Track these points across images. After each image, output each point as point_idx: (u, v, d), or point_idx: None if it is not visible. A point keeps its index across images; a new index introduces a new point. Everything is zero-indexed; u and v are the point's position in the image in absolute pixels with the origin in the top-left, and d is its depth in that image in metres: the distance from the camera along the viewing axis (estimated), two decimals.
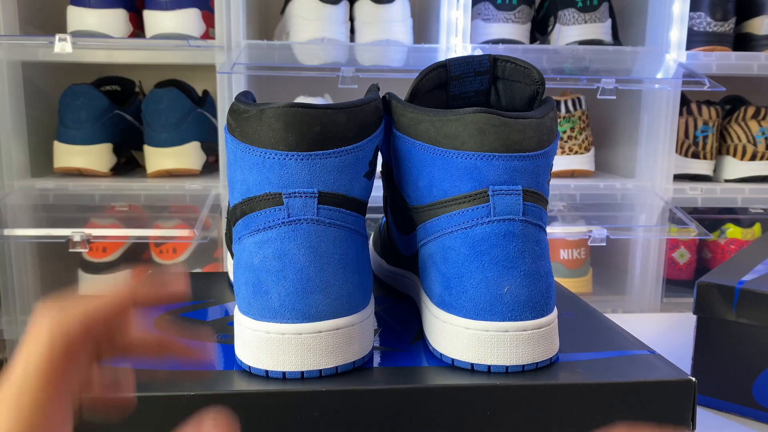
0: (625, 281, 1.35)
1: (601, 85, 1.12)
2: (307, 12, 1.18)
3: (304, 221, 0.38)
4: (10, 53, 1.17)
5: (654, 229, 1.25)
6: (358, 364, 0.40)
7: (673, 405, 0.39)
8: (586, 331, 0.47)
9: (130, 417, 0.37)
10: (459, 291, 0.40)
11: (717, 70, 1.22)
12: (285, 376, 0.38)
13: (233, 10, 1.15)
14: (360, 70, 1.10)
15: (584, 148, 1.32)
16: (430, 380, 0.39)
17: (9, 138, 1.18)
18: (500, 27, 1.29)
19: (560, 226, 1.24)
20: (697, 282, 0.56)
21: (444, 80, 0.46)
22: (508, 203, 0.39)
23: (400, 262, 0.53)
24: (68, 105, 1.22)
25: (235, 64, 1.09)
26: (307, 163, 0.38)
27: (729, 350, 0.55)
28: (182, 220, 1.19)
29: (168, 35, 1.18)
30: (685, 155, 1.33)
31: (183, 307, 0.52)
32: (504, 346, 0.39)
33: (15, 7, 1.18)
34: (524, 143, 0.39)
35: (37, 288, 1.26)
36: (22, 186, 1.20)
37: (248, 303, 0.39)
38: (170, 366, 0.41)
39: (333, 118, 0.38)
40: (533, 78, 0.44)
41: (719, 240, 1.38)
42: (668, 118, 1.24)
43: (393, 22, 1.21)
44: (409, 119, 0.41)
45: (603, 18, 1.29)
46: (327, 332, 0.38)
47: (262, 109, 0.38)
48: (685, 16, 1.21)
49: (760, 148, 1.32)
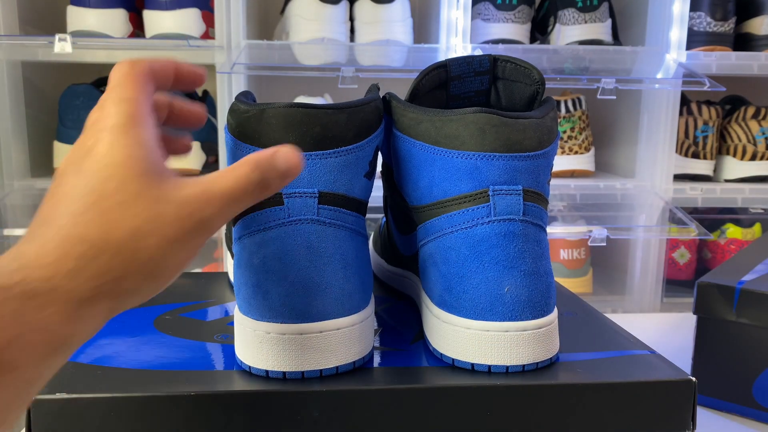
0: (625, 281, 1.35)
1: (601, 85, 1.12)
2: (307, 12, 1.18)
3: (305, 221, 0.38)
4: (10, 53, 1.16)
5: (654, 229, 1.25)
6: (359, 364, 0.40)
7: (673, 405, 0.39)
8: (586, 331, 0.47)
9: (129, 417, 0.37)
10: (459, 291, 0.40)
11: (717, 70, 1.22)
12: (285, 376, 0.38)
13: (233, 10, 1.15)
14: (360, 70, 1.10)
15: (584, 148, 1.32)
16: (430, 380, 0.39)
17: (9, 138, 1.18)
18: (500, 27, 1.29)
19: (560, 226, 1.24)
20: (697, 282, 0.56)
21: (444, 80, 0.46)
22: (508, 203, 0.39)
23: (400, 262, 0.53)
24: (68, 105, 1.22)
25: (235, 64, 1.09)
26: (307, 163, 0.38)
27: (729, 350, 0.55)
28: None
29: (168, 35, 1.18)
30: (685, 155, 1.33)
31: (183, 307, 0.52)
32: (504, 346, 0.39)
33: (15, 7, 1.18)
34: (524, 143, 0.39)
35: None
36: (22, 186, 1.20)
37: (248, 303, 0.39)
38: (170, 366, 0.41)
39: (333, 119, 0.38)
40: (533, 78, 0.44)
41: (719, 240, 1.38)
42: (668, 118, 1.24)
43: (393, 22, 1.21)
44: (409, 119, 0.41)
45: (603, 18, 1.29)
46: (327, 332, 0.38)
47: (263, 110, 0.38)
48: (685, 16, 1.21)
49: (760, 148, 1.32)
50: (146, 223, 0.29)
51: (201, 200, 0.30)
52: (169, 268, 0.30)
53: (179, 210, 0.29)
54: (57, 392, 0.37)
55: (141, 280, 0.29)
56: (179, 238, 0.29)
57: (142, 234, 0.28)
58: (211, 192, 0.30)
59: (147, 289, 0.29)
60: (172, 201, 0.30)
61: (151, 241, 0.28)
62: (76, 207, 0.28)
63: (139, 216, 0.29)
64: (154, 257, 0.29)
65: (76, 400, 0.37)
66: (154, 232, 0.29)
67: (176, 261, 0.30)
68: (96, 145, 0.30)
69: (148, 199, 0.29)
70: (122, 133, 0.30)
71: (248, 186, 0.31)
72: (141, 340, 0.45)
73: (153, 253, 0.29)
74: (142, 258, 0.28)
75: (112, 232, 0.28)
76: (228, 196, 0.31)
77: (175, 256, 0.30)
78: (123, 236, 0.28)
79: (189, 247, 0.30)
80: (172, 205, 0.29)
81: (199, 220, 0.30)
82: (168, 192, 0.30)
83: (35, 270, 0.27)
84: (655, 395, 0.39)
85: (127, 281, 0.28)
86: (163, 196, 0.29)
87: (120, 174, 0.29)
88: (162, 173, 0.30)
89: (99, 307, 0.28)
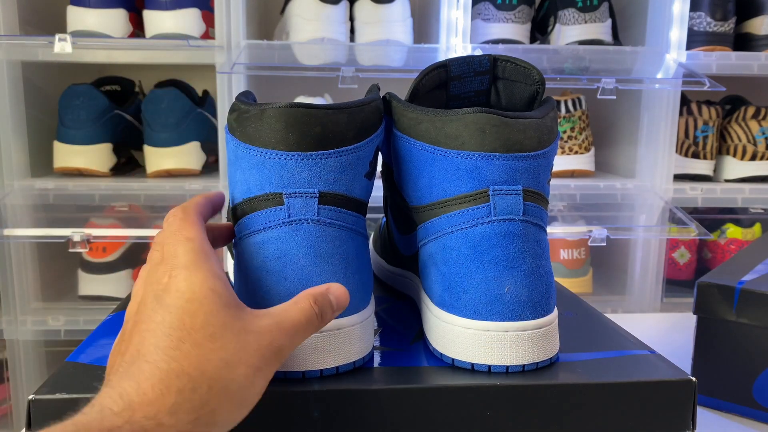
0: (625, 281, 1.35)
1: (601, 85, 1.12)
2: (307, 12, 1.18)
3: (305, 221, 0.38)
4: (10, 53, 1.16)
5: (654, 229, 1.25)
6: (359, 364, 0.40)
7: (673, 405, 0.39)
8: (586, 331, 0.47)
9: None
10: (459, 291, 0.40)
11: (717, 70, 1.22)
12: (286, 376, 0.38)
13: (233, 10, 1.15)
14: (360, 70, 1.10)
15: (584, 148, 1.32)
16: (430, 380, 0.39)
17: (9, 138, 1.18)
18: (500, 27, 1.29)
19: (560, 226, 1.24)
20: (697, 282, 0.56)
21: (444, 80, 0.46)
22: (508, 203, 0.39)
23: (400, 262, 0.53)
24: (68, 105, 1.22)
25: (235, 64, 1.09)
26: (308, 163, 0.38)
27: (729, 350, 0.55)
28: None
29: (168, 35, 1.17)
30: (685, 155, 1.33)
31: None
32: (504, 346, 0.39)
33: (15, 7, 1.18)
34: (525, 143, 0.39)
35: (37, 288, 1.26)
36: (22, 186, 1.20)
37: (248, 303, 0.39)
38: None
39: (333, 119, 0.38)
40: (533, 78, 0.44)
41: (719, 240, 1.38)
42: (668, 118, 1.24)
43: (393, 22, 1.21)
44: (409, 119, 0.41)
45: (603, 18, 1.29)
46: (327, 332, 0.38)
47: (263, 109, 0.38)
48: (685, 16, 1.21)
49: (760, 148, 1.32)
50: (234, 354, 0.30)
51: (275, 330, 0.32)
52: (253, 395, 0.31)
53: (260, 340, 0.32)
54: (57, 392, 0.37)
55: (232, 409, 0.30)
56: (261, 366, 0.31)
57: (233, 364, 0.30)
58: (283, 323, 0.33)
59: (236, 417, 0.31)
60: (252, 331, 0.32)
61: (240, 371, 0.30)
62: (167, 342, 0.30)
63: (228, 347, 0.30)
64: (243, 386, 0.30)
65: (76, 400, 0.37)
66: (242, 361, 0.30)
67: (259, 388, 0.32)
68: (173, 282, 0.32)
69: (234, 331, 0.31)
70: (196, 269, 0.32)
71: (311, 318, 0.34)
72: None
73: (242, 382, 0.30)
74: (233, 388, 0.30)
75: (206, 364, 0.29)
76: (297, 326, 0.34)
77: (258, 383, 0.31)
78: (216, 368, 0.30)
79: (268, 374, 0.32)
80: (252, 335, 0.31)
81: (277, 348, 0.32)
82: (248, 323, 0.32)
83: (140, 408, 0.28)
84: (655, 395, 0.39)
85: (221, 412, 0.30)
86: (244, 328, 0.31)
87: (205, 308, 0.31)
88: (239, 305, 0.33)
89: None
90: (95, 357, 0.42)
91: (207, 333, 0.30)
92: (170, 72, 1.39)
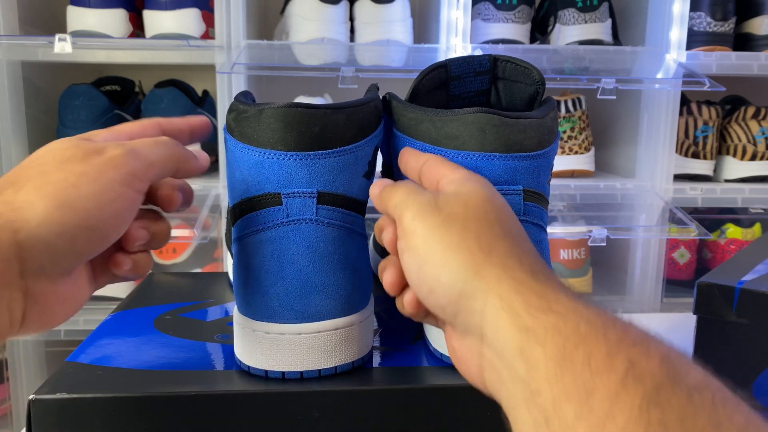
0: (625, 281, 1.35)
1: (601, 85, 1.12)
2: (307, 12, 1.18)
3: (303, 221, 0.38)
4: (10, 53, 1.16)
5: (654, 229, 1.25)
6: (358, 364, 0.40)
7: None
8: None
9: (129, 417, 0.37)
10: None
11: (717, 70, 1.22)
12: (284, 376, 0.38)
13: (233, 10, 1.15)
14: (360, 70, 1.10)
15: (584, 148, 1.32)
16: (430, 380, 0.39)
17: (9, 138, 1.18)
18: (500, 27, 1.29)
19: (560, 226, 1.23)
20: (697, 282, 0.56)
21: (444, 80, 0.46)
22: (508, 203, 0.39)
23: None
24: (68, 105, 1.22)
25: (234, 64, 1.09)
26: (306, 163, 0.38)
27: (729, 350, 0.55)
28: (182, 220, 1.19)
29: (168, 35, 1.17)
30: (685, 155, 1.33)
31: (183, 307, 0.52)
32: None
33: (15, 7, 1.18)
34: (525, 143, 0.39)
35: None
36: None
37: (247, 303, 0.39)
38: (170, 366, 0.41)
39: (332, 118, 0.38)
40: (533, 78, 0.44)
41: (719, 240, 1.38)
42: (668, 118, 1.24)
43: (393, 22, 1.21)
44: (409, 119, 0.41)
45: (603, 18, 1.29)
46: (326, 332, 0.38)
47: (262, 109, 0.38)
48: (685, 16, 1.21)
49: (760, 148, 1.32)
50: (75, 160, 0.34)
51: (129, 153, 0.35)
52: (84, 200, 0.33)
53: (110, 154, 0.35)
54: (57, 392, 0.37)
55: (49, 203, 0.32)
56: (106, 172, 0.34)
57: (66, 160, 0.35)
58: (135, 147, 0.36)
59: (56, 216, 0.32)
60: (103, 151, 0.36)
61: (76, 168, 0.34)
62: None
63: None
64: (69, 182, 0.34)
65: (76, 400, 0.37)
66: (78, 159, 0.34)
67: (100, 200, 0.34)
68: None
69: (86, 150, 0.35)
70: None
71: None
72: (141, 340, 0.45)
73: (70, 178, 0.34)
74: (53, 178, 0.34)
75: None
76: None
77: (96, 188, 0.33)
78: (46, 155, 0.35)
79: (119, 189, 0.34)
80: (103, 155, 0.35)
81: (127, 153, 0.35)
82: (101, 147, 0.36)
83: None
84: None
85: (27, 190, 0.32)
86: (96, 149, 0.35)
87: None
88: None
89: None
90: (95, 357, 0.42)
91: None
92: (170, 72, 1.39)
